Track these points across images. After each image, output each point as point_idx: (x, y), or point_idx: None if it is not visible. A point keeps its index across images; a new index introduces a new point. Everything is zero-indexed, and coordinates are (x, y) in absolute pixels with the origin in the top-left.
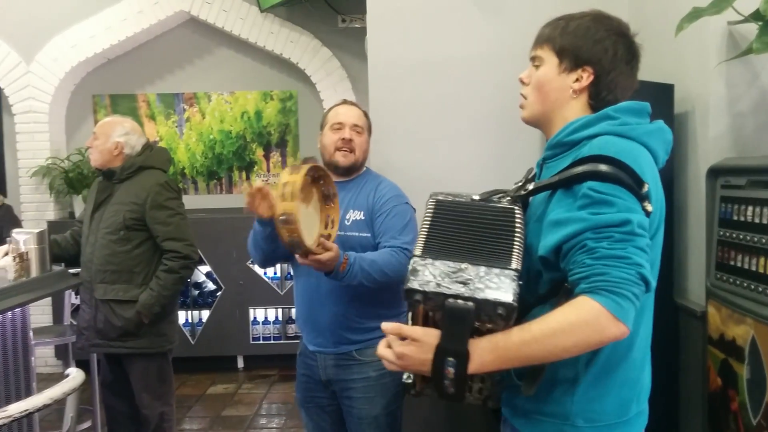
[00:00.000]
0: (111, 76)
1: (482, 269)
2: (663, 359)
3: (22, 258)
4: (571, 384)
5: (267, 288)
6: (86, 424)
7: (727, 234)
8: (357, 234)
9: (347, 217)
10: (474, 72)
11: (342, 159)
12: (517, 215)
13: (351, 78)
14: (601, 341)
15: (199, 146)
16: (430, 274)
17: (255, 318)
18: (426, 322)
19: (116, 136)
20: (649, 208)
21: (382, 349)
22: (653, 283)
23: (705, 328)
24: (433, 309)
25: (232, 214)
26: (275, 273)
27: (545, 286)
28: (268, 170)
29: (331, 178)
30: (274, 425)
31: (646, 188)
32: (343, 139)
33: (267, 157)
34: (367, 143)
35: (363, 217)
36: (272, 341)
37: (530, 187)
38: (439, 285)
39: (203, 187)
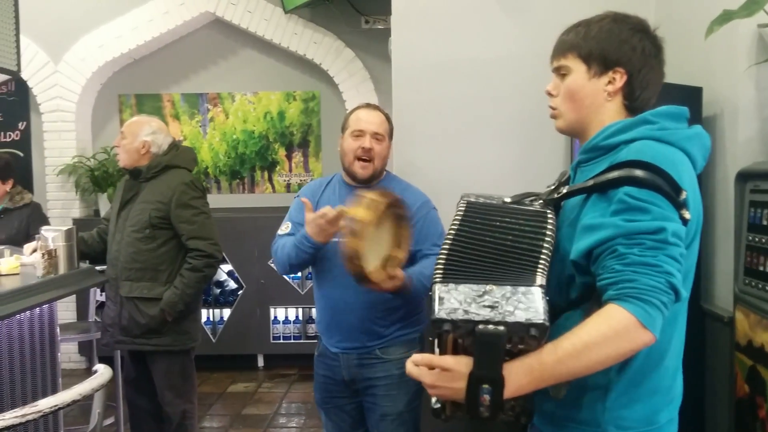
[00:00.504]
0: (137, 75)
1: (508, 289)
2: (689, 365)
3: (50, 255)
4: (603, 391)
5: (288, 287)
6: (109, 420)
7: (756, 239)
8: None
9: None
10: (498, 73)
11: (361, 171)
12: (549, 219)
13: (373, 79)
14: (631, 350)
15: (223, 146)
16: (455, 301)
17: (275, 317)
18: (456, 350)
19: (144, 135)
20: (687, 216)
21: (411, 367)
22: (684, 293)
23: (732, 334)
24: (463, 336)
25: (254, 213)
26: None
27: (577, 290)
28: (290, 170)
29: (405, 204)
30: (294, 424)
31: (684, 195)
32: (363, 148)
33: (289, 157)
34: (387, 149)
35: None
36: (292, 340)
37: (564, 190)
38: (467, 312)
39: (226, 186)
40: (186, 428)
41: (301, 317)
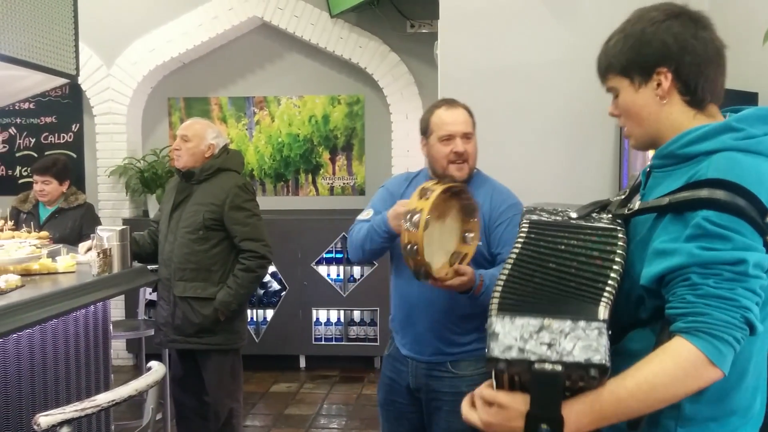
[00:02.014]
0: (186, 79)
1: (567, 324)
2: None
3: (105, 254)
4: (676, 410)
5: (330, 289)
6: (156, 417)
7: None
8: None
9: None
10: (547, 78)
11: (458, 173)
12: (619, 238)
13: (418, 83)
14: (698, 387)
15: (268, 149)
16: (511, 337)
17: (317, 319)
18: (512, 386)
19: (210, 138)
20: None
21: (467, 410)
22: (760, 327)
23: None
24: (519, 373)
25: (297, 215)
26: (338, 275)
27: (647, 311)
28: (334, 173)
29: (469, 193)
30: (335, 425)
31: None
32: (456, 152)
33: (333, 160)
34: (476, 146)
35: None
36: (334, 342)
37: (635, 206)
38: (522, 350)
39: (270, 188)
40: (233, 426)
41: (342, 319)
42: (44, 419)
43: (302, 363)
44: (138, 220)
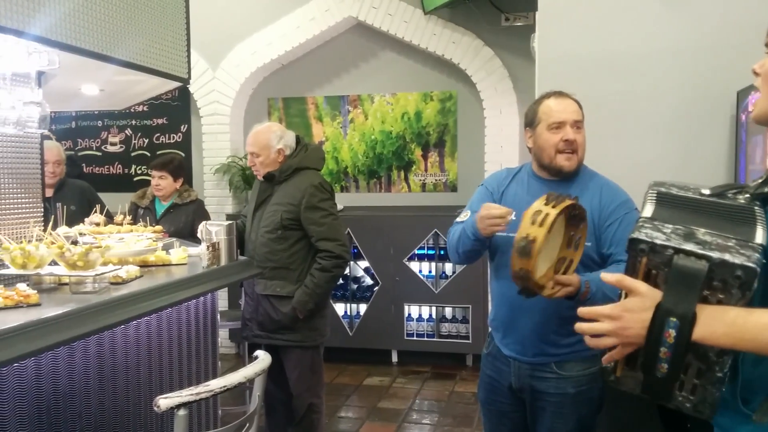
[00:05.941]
0: (284, 80)
1: (720, 236)
2: None
3: (214, 248)
4: None
5: (422, 285)
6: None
7: None
8: None
9: None
10: (655, 68)
11: (566, 163)
12: (758, 214)
13: (512, 77)
14: None
15: (362, 146)
16: (659, 232)
17: (409, 314)
18: (647, 282)
19: (275, 143)
20: None
21: (585, 311)
22: None
23: None
24: (658, 266)
25: (390, 212)
26: (430, 271)
27: None
28: (426, 170)
29: (586, 223)
30: (427, 421)
31: None
32: (567, 140)
33: (425, 157)
34: (585, 138)
35: None
36: (425, 338)
37: None
38: (668, 239)
39: (364, 185)
40: (312, 421)
41: (434, 316)
42: (164, 401)
43: (394, 358)
44: (240, 216)
